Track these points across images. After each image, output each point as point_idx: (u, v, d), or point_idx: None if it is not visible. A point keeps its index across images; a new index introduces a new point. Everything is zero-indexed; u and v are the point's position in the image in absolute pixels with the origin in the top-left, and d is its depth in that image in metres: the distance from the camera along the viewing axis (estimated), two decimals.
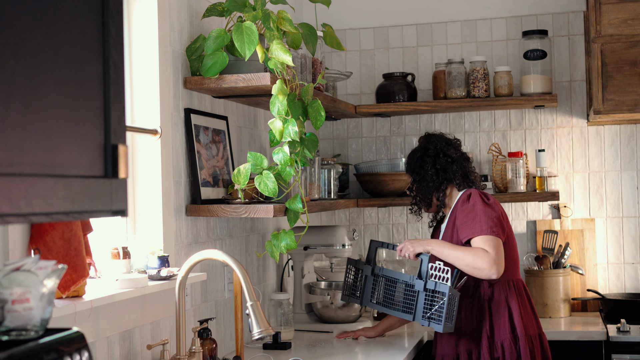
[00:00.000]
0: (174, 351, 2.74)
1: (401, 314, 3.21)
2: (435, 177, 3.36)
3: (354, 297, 3.39)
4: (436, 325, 3.09)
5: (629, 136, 4.31)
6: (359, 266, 3.38)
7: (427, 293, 3.12)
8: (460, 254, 3.14)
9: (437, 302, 3.10)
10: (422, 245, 3.20)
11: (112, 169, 1.45)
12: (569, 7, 4.37)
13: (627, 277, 4.28)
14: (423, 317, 3.12)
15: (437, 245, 3.19)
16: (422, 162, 3.39)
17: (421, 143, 3.49)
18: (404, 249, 3.24)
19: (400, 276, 3.24)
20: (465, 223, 3.21)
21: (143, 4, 2.81)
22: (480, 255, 3.10)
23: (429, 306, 3.12)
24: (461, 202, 3.27)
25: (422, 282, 3.13)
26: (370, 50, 4.59)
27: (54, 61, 1.34)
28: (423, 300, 3.13)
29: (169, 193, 2.84)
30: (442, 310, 3.07)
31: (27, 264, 1.58)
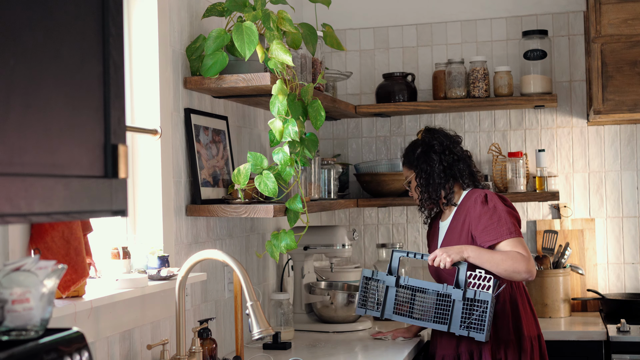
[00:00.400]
0: (174, 351, 2.74)
1: (433, 324, 3.11)
2: (443, 174, 3.28)
3: (373, 310, 3.23)
4: (478, 334, 3.03)
5: (629, 136, 4.31)
6: (379, 277, 3.22)
7: (465, 302, 3.05)
8: (498, 258, 3.10)
9: (475, 310, 3.03)
10: (458, 253, 3.10)
11: (112, 169, 1.45)
12: (569, 7, 4.37)
13: (627, 277, 4.28)
14: (461, 327, 3.05)
15: (473, 252, 3.11)
16: (428, 157, 3.30)
17: (423, 137, 3.38)
18: (437, 259, 3.10)
19: (431, 286, 3.13)
20: (490, 226, 3.16)
21: (143, 4, 2.81)
22: (518, 258, 3.10)
23: (466, 315, 3.05)
24: (479, 204, 3.19)
25: (461, 292, 3.05)
26: (370, 50, 4.59)
27: (54, 61, 1.34)
28: (460, 309, 3.05)
29: (169, 193, 2.84)
30: (483, 319, 3.01)
31: (27, 264, 1.58)
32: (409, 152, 3.39)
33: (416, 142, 3.39)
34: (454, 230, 3.27)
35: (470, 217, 3.21)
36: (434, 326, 3.12)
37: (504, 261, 3.09)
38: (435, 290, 3.11)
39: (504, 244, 3.14)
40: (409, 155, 3.38)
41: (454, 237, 3.25)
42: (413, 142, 3.41)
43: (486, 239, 3.16)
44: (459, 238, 3.23)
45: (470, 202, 3.25)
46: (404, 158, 3.42)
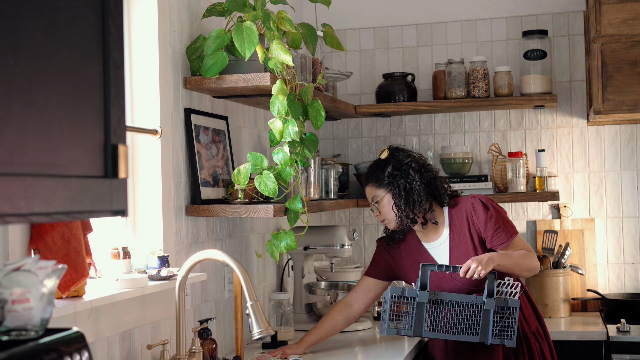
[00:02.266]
0: (174, 351, 2.74)
1: (464, 336, 3.05)
2: (423, 192, 3.17)
3: (405, 329, 3.06)
4: (509, 341, 3.02)
5: (629, 136, 4.31)
6: (410, 294, 3.04)
7: (495, 311, 3.04)
8: (519, 260, 3.12)
9: (505, 317, 3.03)
10: (490, 264, 3.01)
11: (112, 169, 1.45)
12: (569, 7, 4.37)
13: (627, 277, 4.28)
14: (493, 336, 3.02)
15: (501, 259, 3.06)
16: (405, 174, 3.18)
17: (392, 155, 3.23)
18: (471, 271, 2.99)
19: (461, 298, 3.06)
20: (499, 229, 3.18)
21: (143, 4, 2.81)
22: (531, 256, 3.17)
23: (497, 323, 3.04)
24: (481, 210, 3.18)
25: (493, 301, 3.02)
26: (370, 50, 4.59)
27: (54, 61, 1.34)
28: (491, 318, 3.03)
29: (169, 193, 2.84)
30: (513, 325, 3.02)
31: (27, 264, 1.58)
32: (377, 171, 3.22)
33: (382, 161, 3.25)
34: (460, 243, 3.21)
35: (474, 224, 3.19)
36: (466, 338, 3.06)
37: (525, 261, 3.14)
38: (466, 301, 3.05)
39: (512, 243, 3.19)
40: (377, 174, 3.21)
41: (464, 250, 3.20)
42: (378, 161, 3.26)
43: (500, 241, 3.17)
44: (472, 248, 3.19)
45: (467, 210, 3.21)
46: (371, 177, 3.23)
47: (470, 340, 3.06)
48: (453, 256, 3.23)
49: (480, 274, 2.98)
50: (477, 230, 3.19)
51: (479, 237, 3.20)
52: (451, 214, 3.24)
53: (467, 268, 3.00)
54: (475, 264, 2.99)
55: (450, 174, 4.30)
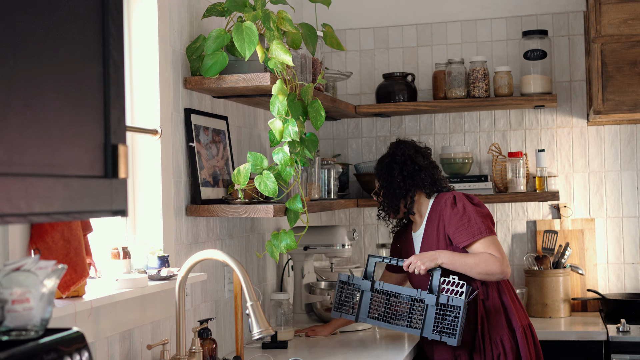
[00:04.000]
0: (174, 351, 2.74)
1: (406, 329, 3.18)
2: (403, 184, 3.33)
3: (348, 313, 3.31)
4: (450, 339, 3.07)
5: (629, 136, 4.31)
6: (355, 282, 3.30)
7: (437, 307, 3.10)
8: (471, 262, 3.15)
9: (448, 316, 3.08)
10: (432, 261, 3.16)
11: (112, 169, 1.45)
12: (569, 7, 4.37)
13: (627, 277, 4.28)
14: (434, 332, 3.10)
15: (447, 258, 3.16)
16: (389, 168, 3.37)
17: (390, 149, 3.45)
18: (412, 266, 3.19)
19: (405, 291, 3.20)
20: (461, 227, 3.21)
21: (143, 4, 2.81)
22: (490, 260, 3.15)
23: (439, 320, 3.10)
24: (449, 207, 3.24)
25: (434, 297, 3.11)
26: (370, 50, 4.59)
27: (54, 61, 1.34)
28: (433, 314, 3.10)
29: (169, 193, 2.84)
30: (455, 324, 3.06)
31: (27, 264, 1.58)
32: (378, 164, 3.46)
33: (384, 154, 3.47)
34: (430, 237, 3.31)
35: (443, 220, 3.26)
36: (408, 330, 3.18)
37: (477, 265, 3.15)
38: (410, 295, 3.17)
39: (478, 245, 3.19)
40: (377, 167, 3.45)
41: (432, 243, 3.29)
42: (383, 155, 3.48)
43: (460, 240, 3.21)
44: (437, 243, 3.27)
45: (440, 206, 3.29)
46: (374, 171, 3.48)
47: (412, 333, 3.18)
48: (422, 248, 3.34)
49: (421, 270, 3.15)
50: (444, 228, 3.27)
51: (444, 233, 3.27)
52: (432, 207, 3.33)
53: (409, 263, 3.20)
54: (415, 259, 3.18)
55: (450, 174, 4.31)
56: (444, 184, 3.38)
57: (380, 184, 3.40)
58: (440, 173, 3.43)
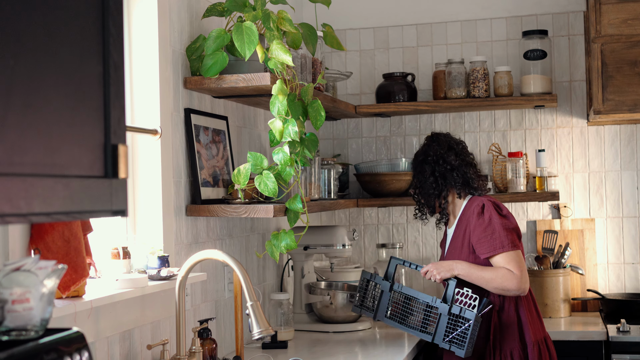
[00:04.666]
0: (174, 351, 2.74)
1: (419, 333, 3.19)
2: (435, 185, 3.34)
3: (368, 310, 3.35)
4: (458, 350, 3.08)
5: (629, 136, 4.31)
6: (376, 280, 3.34)
7: (450, 317, 3.11)
8: (487, 276, 3.14)
9: (459, 326, 3.09)
10: (449, 271, 3.17)
11: (112, 169, 1.45)
12: (569, 7, 4.37)
13: (627, 277, 4.28)
14: (444, 340, 3.11)
15: (463, 269, 3.16)
16: (422, 168, 3.38)
17: (423, 147, 3.44)
18: (428, 273, 3.21)
19: (421, 296, 3.21)
20: (484, 239, 3.18)
21: (143, 4, 2.81)
22: (507, 277, 3.13)
23: (450, 329, 3.11)
24: (475, 215, 3.22)
25: (447, 307, 3.11)
26: (370, 50, 4.59)
27: (54, 61, 1.34)
28: (445, 323, 3.11)
29: (169, 193, 2.84)
30: (465, 335, 3.06)
31: (27, 264, 1.58)
32: (413, 161, 3.48)
33: (419, 150, 3.47)
34: (456, 239, 3.32)
35: (470, 227, 3.25)
36: (420, 335, 3.20)
37: (494, 280, 3.14)
38: (425, 301, 3.19)
39: (499, 258, 3.16)
40: (413, 163, 3.47)
41: (457, 246, 3.29)
42: (418, 151, 3.48)
43: (481, 251, 3.20)
44: (461, 247, 3.27)
45: (469, 212, 3.28)
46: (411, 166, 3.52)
47: (424, 338, 3.19)
48: (449, 248, 3.35)
49: (436, 278, 3.18)
50: (469, 233, 3.26)
51: (469, 240, 3.26)
52: (464, 210, 3.33)
53: (425, 270, 3.23)
54: (432, 267, 3.21)
55: None
56: (476, 184, 3.34)
57: (415, 183, 3.43)
58: (476, 170, 3.40)
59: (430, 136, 3.47)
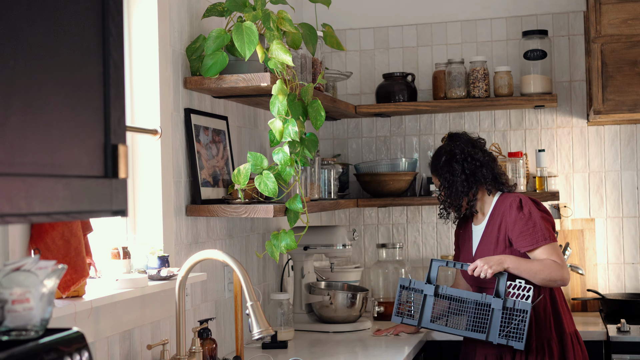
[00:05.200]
0: (174, 351, 2.74)
1: (471, 333, 3.14)
2: (466, 183, 3.31)
3: (410, 318, 3.24)
4: (517, 343, 3.05)
5: (629, 136, 4.31)
6: (417, 286, 3.24)
7: (504, 312, 3.08)
8: (536, 268, 3.14)
9: (514, 319, 3.06)
10: (499, 264, 3.13)
11: (112, 169, 1.45)
12: (569, 7, 4.37)
13: (627, 277, 4.28)
14: (500, 336, 3.07)
15: (513, 262, 3.14)
16: (450, 167, 3.33)
17: (446, 145, 3.41)
18: (478, 269, 3.14)
19: (469, 295, 3.16)
20: (525, 232, 3.20)
21: (143, 4, 2.81)
22: (554, 267, 3.15)
23: (505, 324, 3.08)
24: (514, 210, 3.23)
25: (501, 301, 3.08)
26: (370, 50, 4.59)
27: (54, 61, 1.35)
28: (499, 318, 3.08)
29: (169, 193, 2.84)
30: (522, 328, 3.04)
31: (27, 264, 1.58)
32: (434, 160, 3.43)
33: (440, 150, 3.42)
34: (489, 234, 3.30)
35: (506, 222, 3.25)
36: (472, 335, 3.13)
37: (542, 271, 3.14)
38: (474, 299, 3.13)
39: (540, 250, 3.19)
40: (435, 163, 3.42)
41: (490, 242, 3.28)
42: (438, 150, 3.44)
43: (523, 245, 3.20)
44: (495, 242, 3.26)
45: (504, 207, 3.28)
46: (431, 166, 3.46)
47: (477, 337, 3.13)
48: (480, 245, 3.33)
49: (487, 273, 3.10)
50: (505, 229, 3.25)
51: (505, 236, 3.25)
52: (496, 206, 3.32)
53: (474, 267, 3.14)
54: (482, 262, 3.13)
55: None
56: (504, 179, 3.37)
57: (442, 183, 3.37)
58: (499, 166, 3.41)
59: (450, 136, 3.44)
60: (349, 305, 3.78)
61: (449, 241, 4.46)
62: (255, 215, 2.95)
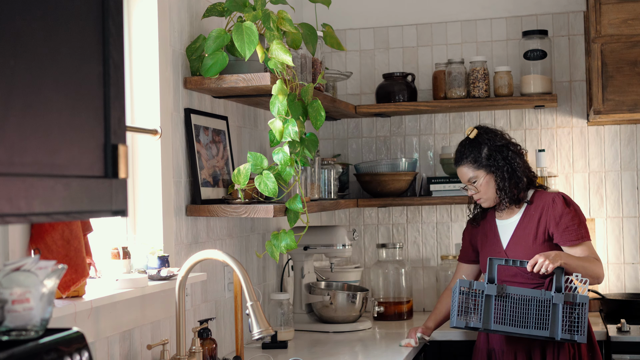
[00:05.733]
0: (174, 351, 2.74)
1: (535, 331, 3.07)
2: (524, 171, 3.30)
3: (474, 321, 3.10)
4: (579, 337, 3.03)
5: (629, 136, 4.31)
6: (478, 287, 3.10)
7: (564, 306, 3.06)
8: (585, 265, 3.17)
9: (574, 312, 3.05)
10: (558, 260, 3.09)
11: (112, 169, 1.45)
12: (569, 7, 4.37)
13: (627, 277, 4.28)
14: (563, 331, 3.04)
15: (566, 258, 3.13)
16: (505, 156, 3.28)
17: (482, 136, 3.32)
18: (538, 265, 3.08)
19: (531, 293, 3.09)
20: (571, 227, 3.23)
21: (143, 4, 2.81)
22: (597, 264, 3.21)
23: (566, 318, 3.05)
24: (560, 205, 3.25)
25: (562, 295, 3.06)
26: (370, 50, 4.59)
27: (54, 61, 1.35)
28: (561, 313, 3.05)
29: (169, 193, 2.84)
30: (582, 321, 3.04)
31: (27, 264, 1.58)
32: (472, 151, 3.31)
33: (473, 141, 3.34)
34: (525, 229, 3.30)
35: (547, 216, 3.26)
36: (537, 333, 3.07)
37: (591, 267, 3.18)
38: (534, 296, 3.08)
39: (582, 247, 3.24)
40: (474, 155, 3.31)
41: (527, 236, 3.28)
42: (472, 141, 3.34)
43: (566, 239, 3.24)
44: (534, 237, 3.27)
45: (545, 202, 3.29)
46: (466, 158, 3.32)
47: (540, 335, 3.07)
48: (513, 239, 3.31)
49: (548, 268, 3.07)
50: (546, 223, 3.27)
51: (545, 231, 3.26)
52: (534, 200, 3.32)
53: (534, 262, 3.09)
54: (542, 258, 3.08)
55: (450, 174, 4.31)
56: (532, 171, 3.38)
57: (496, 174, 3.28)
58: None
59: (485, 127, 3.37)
60: (349, 305, 3.78)
61: (449, 241, 4.46)
62: (255, 215, 2.95)
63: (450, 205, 4.45)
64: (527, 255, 3.24)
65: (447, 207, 4.46)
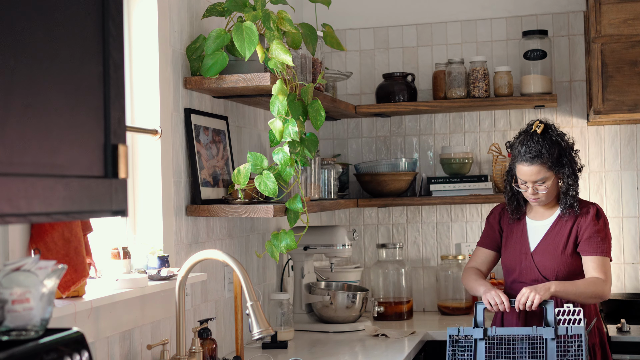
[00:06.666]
0: (174, 351, 2.74)
1: None
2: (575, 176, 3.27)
3: None
4: None
5: (629, 136, 4.31)
6: (466, 333, 3.05)
7: (557, 340, 2.96)
8: (581, 289, 3.13)
9: (570, 346, 2.94)
10: (547, 291, 3.06)
11: (112, 169, 1.45)
12: (569, 7, 4.37)
13: (627, 277, 4.28)
14: None
15: (559, 286, 3.10)
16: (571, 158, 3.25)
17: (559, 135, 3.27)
18: (523, 299, 3.04)
19: (519, 331, 3.01)
20: (594, 238, 3.21)
21: (143, 4, 2.81)
22: (598, 283, 3.16)
23: (562, 354, 2.95)
24: (591, 215, 3.24)
25: (552, 329, 2.96)
26: (370, 50, 4.59)
27: (54, 61, 1.35)
28: (555, 349, 2.94)
29: (169, 193, 2.84)
30: (580, 354, 2.93)
31: (27, 264, 1.58)
32: (549, 151, 3.21)
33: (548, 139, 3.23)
34: (557, 234, 3.28)
35: (580, 224, 3.25)
36: None
37: (587, 288, 3.14)
38: (525, 334, 3.00)
39: (598, 260, 3.20)
40: (550, 155, 3.21)
41: (558, 242, 3.27)
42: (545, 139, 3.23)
43: (585, 249, 3.22)
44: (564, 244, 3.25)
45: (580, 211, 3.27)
46: (540, 157, 3.20)
47: None
48: (542, 245, 3.28)
49: (535, 301, 3.02)
50: (577, 232, 3.25)
51: (575, 237, 3.25)
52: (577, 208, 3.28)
53: (520, 297, 3.06)
54: (528, 291, 3.05)
55: (450, 174, 4.31)
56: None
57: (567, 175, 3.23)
58: None
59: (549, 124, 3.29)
60: (349, 305, 3.78)
61: (449, 241, 4.46)
62: (255, 215, 2.95)
63: (450, 205, 4.45)
64: (553, 265, 3.22)
65: (447, 207, 4.46)
